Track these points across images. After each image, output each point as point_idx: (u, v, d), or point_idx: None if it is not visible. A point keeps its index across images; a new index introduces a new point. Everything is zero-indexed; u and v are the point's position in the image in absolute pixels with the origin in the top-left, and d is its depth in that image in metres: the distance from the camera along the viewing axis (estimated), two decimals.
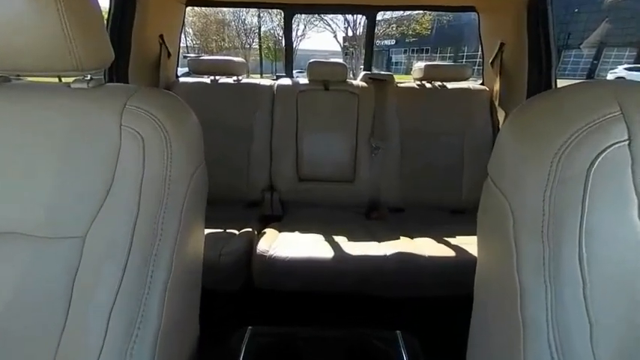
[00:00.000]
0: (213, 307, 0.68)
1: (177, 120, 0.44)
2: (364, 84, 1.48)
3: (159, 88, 1.36)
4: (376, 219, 1.36)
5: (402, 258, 1.01)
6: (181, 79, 1.56)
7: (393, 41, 19.66)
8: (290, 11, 1.61)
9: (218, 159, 1.34)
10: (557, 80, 1.24)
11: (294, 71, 1.76)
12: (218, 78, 1.51)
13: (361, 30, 14.46)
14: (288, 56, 1.79)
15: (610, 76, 12.63)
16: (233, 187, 1.42)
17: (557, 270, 0.31)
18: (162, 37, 1.39)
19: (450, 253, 1.04)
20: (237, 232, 1.17)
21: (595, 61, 16.59)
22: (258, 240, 1.08)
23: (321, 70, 1.45)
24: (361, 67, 1.77)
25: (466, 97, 1.44)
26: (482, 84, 1.55)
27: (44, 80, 0.46)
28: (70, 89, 0.44)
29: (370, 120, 1.42)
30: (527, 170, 0.33)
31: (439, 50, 19.86)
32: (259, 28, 16.55)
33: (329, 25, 16.07)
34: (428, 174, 1.41)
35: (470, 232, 1.13)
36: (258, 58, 16.66)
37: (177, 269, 0.42)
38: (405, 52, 21.16)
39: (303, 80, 1.51)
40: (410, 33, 16.81)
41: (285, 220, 1.33)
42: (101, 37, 0.43)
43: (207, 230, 0.57)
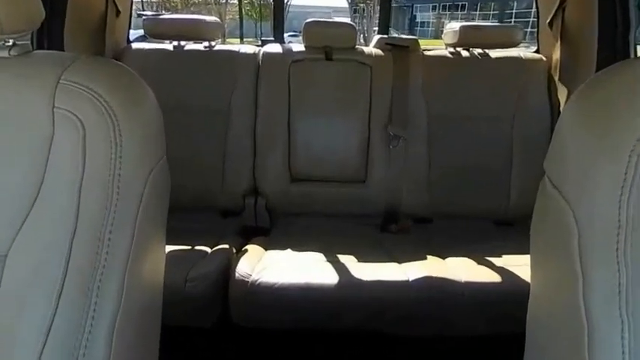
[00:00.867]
0: (177, 350, 0.68)
1: (128, 100, 0.44)
2: (379, 52, 1.49)
3: (104, 56, 1.36)
4: (395, 232, 1.36)
5: (429, 284, 1.01)
6: (134, 44, 1.56)
7: None
8: None
9: (184, 153, 1.34)
10: (637, 46, 1.25)
11: (285, 35, 1.77)
12: (184, 44, 1.51)
13: None
14: (277, 14, 1.79)
15: None
16: (204, 190, 1.43)
17: (638, 300, 0.31)
18: None
19: (494, 277, 1.04)
20: (209, 249, 1.17)
21: None
22: (237, 260, 1.08)
23: (322, 33, 1.46)
24: (375, 28, 1.78)
25: (516, 70, 1.45)
26: (536, 52, 1.56)
27: None
28: None
29: (387, 100, 1.42)
30: (598, 168, 0.34)
31: (479, 6, 19.89)
32: None
33: None
34: (464, 172, 1.42)
35: (520, 250, 1.13)
36: (237, 16, 16.69)
37: (129, 300, 0.42)
38: (434, 8, 21.15)
39: (297, 47, 1.51)
40: None
41: (274, 234, 1.34)
42: None
43: (169, 247, 0.57)
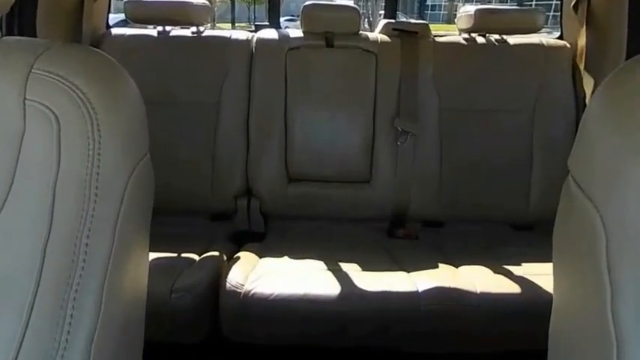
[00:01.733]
0: None
1: (108, 91, 0.44)
2: (386, 38, 1.49)
3: (81, 43, 1.36)
4: (404, 238, 1.36)
5: (441, 295, 1.01)
6: (114, 30, 1.56)
7: None
8: None
9: (170, 150, 1.34)
10: None
11: (281, 19, 1.77)
12: (169, 29, 1.51)
13: None
14: None
15: None
16: (192, 192, 1.42)
17: None
18: None
19: (513, 288, 1.04)
20: (197, 257, 1.17)
21: None
22: (228, 269, 1.08)
23: (323, 18, 1.46)
24: (381, 12, 1.78)
25: (537, 58, 1.45)
26: (560, 38, 1.55)
27: None
28: None
29: (395, 92, 1.42)
30: (628, 166, 0.34)
31: None
32: None
33: None
34: (479, 171, 1.42)
35: (542, 257, 1.13)
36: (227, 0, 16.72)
37: (108, 314, 0.42)
38: None
39: (295, 32, 1.51)
40: None
41: (269, 240, 1.34)
42: None
43: (153, 254, 0.57)
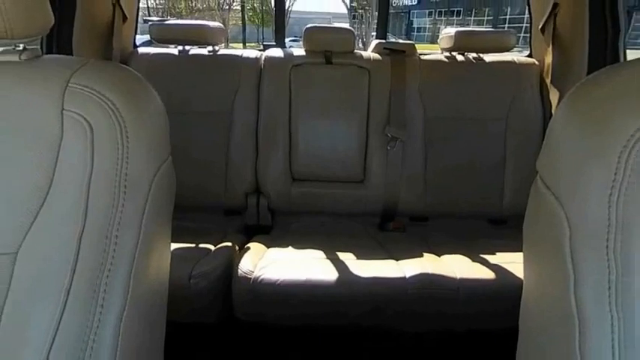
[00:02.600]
0: (182, 345, 0.68)
1: (135, 103, 0.44)
2: (377, 56, 1.49)
3: (112, 61, 1.36)
4: (393, 231, 1.36)
5: (425, 281, 1.01)
6: (141, 49, 1.56)
7: (414, 1, 19.70)
8: None
9: (188, 153, 1.34)
10: (627, 51, 1.24)
11: (286, 39, 1.77)
12: (188, 48, 1.51)
13: None
14: (278, 20, 1.79)
15: None
16: (208, 190, 1.42)
17: (627, 295, 0.31)
18: None
19: (488, 274, 1.04)
20: (212, 247, 1.17)
21: None
22: (240, 258, 1.08)
23: (322, 38, 1.45)
24: (373, 34, 1.77)
25: (509, 73, 1.45)
26: (529, 56, 1.55)
27: None
28: None
29: (385, 103, 1.42)
30: (589, 167, 0.34)
31: (474, 12, 19.89)
32: None
33: None
34: (459, 173, 1.42)
35: (514, 247, 1.13)
36: (239, 22, 16.68)
37: (135, 297, 0.42)
38: (431, 14, 21.17)
39: (298, 51, 1.51)
40: None
41: (275, 233, 1.34)
42: None
43: (174, 245, 0.57)
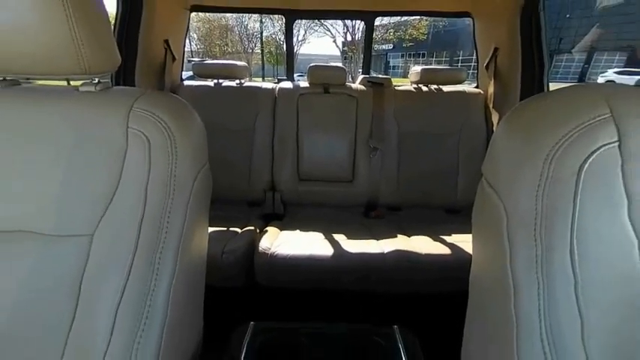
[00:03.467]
0: (216, 303, 0.68)
1: (182, 122, 0.44)
2: (363, 87, 1.48)
3: (164, 91, 1.36)
4: (374, 218, 1.35)
5: (399, 256, 1.00)
6: (186, 82, 1.56)
7: (390, 46, 19.61)
8: (291, 17, 1.61)
9: (221, 159, 1.34)
10: (550, 83, 1.24)
11: (294, 75, 1.76)
12: (221, 81, 1.50)
13: (360, 35, 14.42)
14: (289, 60, 1.79)
15: (600, 80, 12.59)
16: (236, 187, 1.42)
17: (550, 268, 0.31)
18: (167, 41, 1.39)
19: (446, 251, 1.03)
20: (239, 230, 1.16)
21: (586, 65, 16.56)
22: (260, 238, 1.08)
23: (321, 74, 1.45)
24: (360, 70, 1.77)
25: (461, 100, 1.44)
26: (477, 87, 1.55)
27: (53, 83, 0.46)
28: (78, 92, 0.44)
29: (369, 122, 1.42)
30: (521, 171, 0.33)
31: (435, 54, 19.80)
32: (261, 33, 16.52)
33: (329, 31, 16.07)
34: (424, 174, 1.41)
35: (465, 230, 1.13)
36: (260, 62, 16.63)
37: (181, 267, 0.42)
38: (402, 56, 21.10)
39: (303, 83, 1.50)
40: (407, 38, 16.80)
41: (286, 219, 1.33)
42: (108, 41, 0.43)
43: (210, 229, 0.57)
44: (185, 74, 1.64)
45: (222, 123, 1.41)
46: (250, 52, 17.24)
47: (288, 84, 1.51)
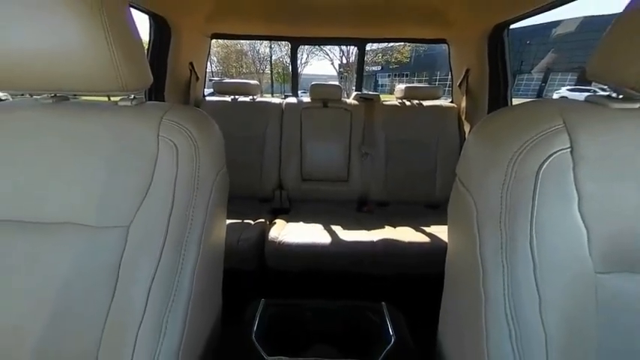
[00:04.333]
0: (233, 283, 0.68)
1: (204, 132, 0.44)
2: (356, 102, 1.48)
3: (189, 105, 1.36)
4: (366, 212, 1.35)
5: (386, 243, 1.00)
6: (207, 98, 1.56)
7: (379, 67, 19.60)
8: (296, 43, 1.61)
9: (237, 163, 1.34)
10: (512, 99, 1.24)
11: (299, 91, 1.76)
12: (237, 97, 1.50)
13: (353, 58, 14.42)
14: (294, 79, 1.79)
15: (555, 96, 12.60)
16: (249, 186, 1.42)
17: (513, 254, 0.31)
18: (191, 64, 1.39)
19: (426, 239, 1.03)
20: (252, 222, 1.16)
21: (543, 84, 16.56)
22: (269, 229, 1.08)
23: (321, 91, 1.45)
24: (353, 88, 1.77)
25: (438, 113, 1.44)
26: (451, 102, 1.55)
27: (96, 99, 0.46)
28: (117, 106, 0.44)
29: (361, 131, 1.42)
30: (488, 172, 0.33)
31: (417, 75, 19.78)
32: (270, 56, 16.50)
33: (327, 54, 16.06)
34: (408, 175, 1.41)
35: (442, 222, 1.13)
36: (269, 81, 16.64)
37: (204, 252, 0.42)
38: (389, 76, 21.09)
39: (306, 99, 1.50)
40: (393, 61, 16.79)
41: (292, 213, 1.33)
42: (142, 63, 0.43)
43: (228, 220, 0.57)
44: (207, 91, 1.64)
45: (238, 132, 1.41)
46: (261, 72, 17.22)
47: (293, 99, 1.51)
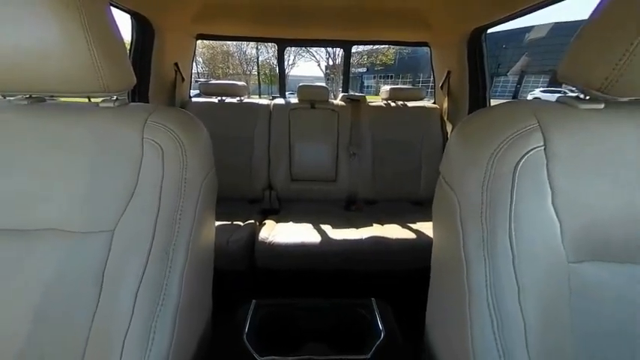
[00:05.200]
0: (223, 284, 0.67)
1: (190, 133, 0.43)
2: (343, 103, 1.48)
3: (175, 106, 1.32)
4: (354, 210, 1.36)
5: (375, 241, 1.01)
6: (193, 99, 1.52)
7: (365, 69, 19.78)
8: (282, 45, 1.60)
9: (226, 164, 1.31)
10: (491, 100, 1.28)
11: (286, 93, 1.75)
12: (224, 98, 1.47)
13: (339, 60, 14.48)
14: (281, 81, 1.78)
15: (529, 97, 13.15)
16: (238, 187, 1.39)
17: (493, 247, 0.32)
18: (177, 64, 1.35)
19: (412, 236, 1.05)
20: (242, 223, 1.15)
21: (518, 85, 17.27)
22: (259, 229, 1.07)
23: (308, 92, 1.44)
24: (340, 89, 1.77)
25: (422, 114, 1.47)
26: (434, 103, 1.58)
27: (74, 100, 0.44)
28: (99, 108, 0.42)
29: (348, 132, 1.42)
30: (469, 169, 0.34)
31: (401, 76, 20.12)
32: (257, 58, 16.29)
33: (314, 56, 16.03)
34: (394, 174, 1.43)
35: (427, 219, 1.15)
36: (257, 82, 16.41)
37: (192, 255, 0.41)
38: (374, 77, 21.32)
39: (293, 100, 1.49)
40: (378, 63, 17.01)
41: (282, 213, 1.32)
42: (124, 63, 0.41)
43: (217, 222, 0.55)
44: (192, 92, 1.59)
45: (226, 134, 1.38)
46: (248, 73, 16.95)
47: (281, 100, 1.50)
